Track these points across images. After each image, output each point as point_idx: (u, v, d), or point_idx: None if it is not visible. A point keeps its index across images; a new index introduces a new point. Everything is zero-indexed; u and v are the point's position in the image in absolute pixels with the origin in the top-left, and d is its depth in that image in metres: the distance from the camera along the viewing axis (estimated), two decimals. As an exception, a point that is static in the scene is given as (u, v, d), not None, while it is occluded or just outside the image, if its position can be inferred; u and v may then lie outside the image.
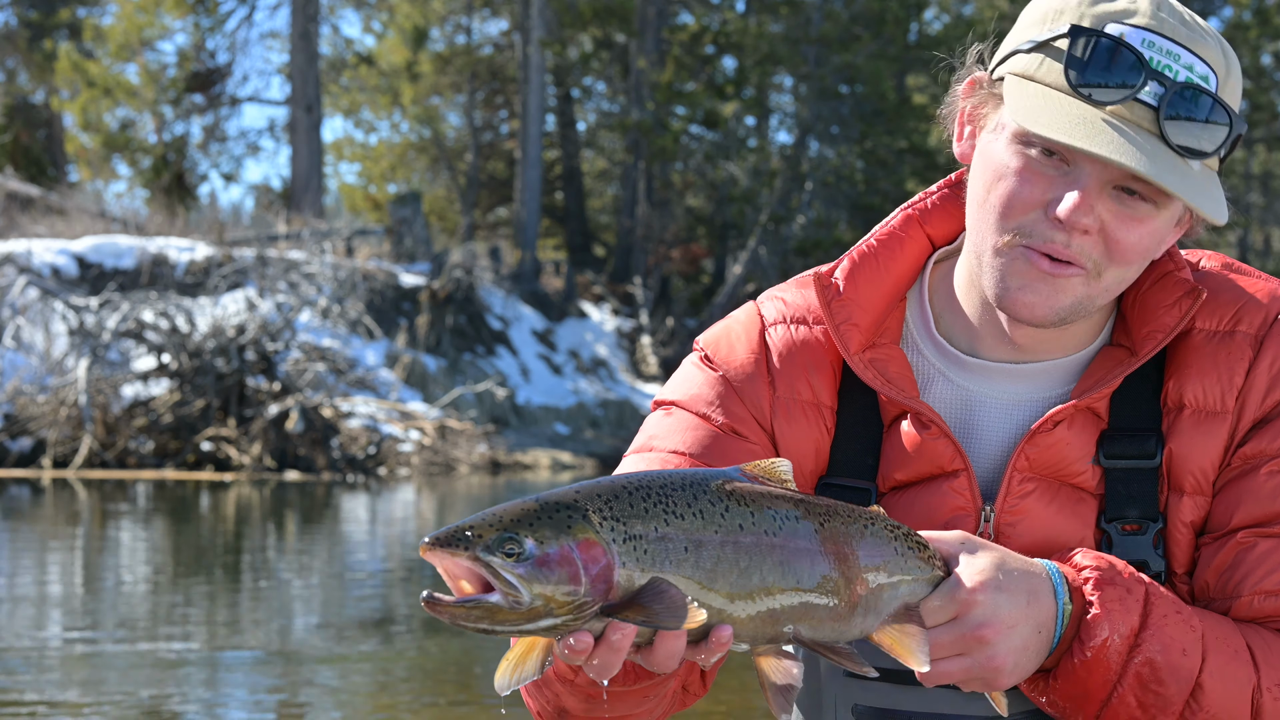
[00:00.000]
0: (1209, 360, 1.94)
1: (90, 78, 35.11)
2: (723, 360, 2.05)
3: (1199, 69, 1.85)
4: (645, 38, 34.30)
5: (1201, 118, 1.84)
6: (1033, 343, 1.98)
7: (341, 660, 8.09)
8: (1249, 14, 40.17)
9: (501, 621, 1.58)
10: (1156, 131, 1.83)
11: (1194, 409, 1.93)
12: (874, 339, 2.01)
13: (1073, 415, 1.93)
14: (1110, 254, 1.87)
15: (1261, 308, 1.96)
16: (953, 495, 1.94)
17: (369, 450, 21.62)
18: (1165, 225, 1.89)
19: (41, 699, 6.89)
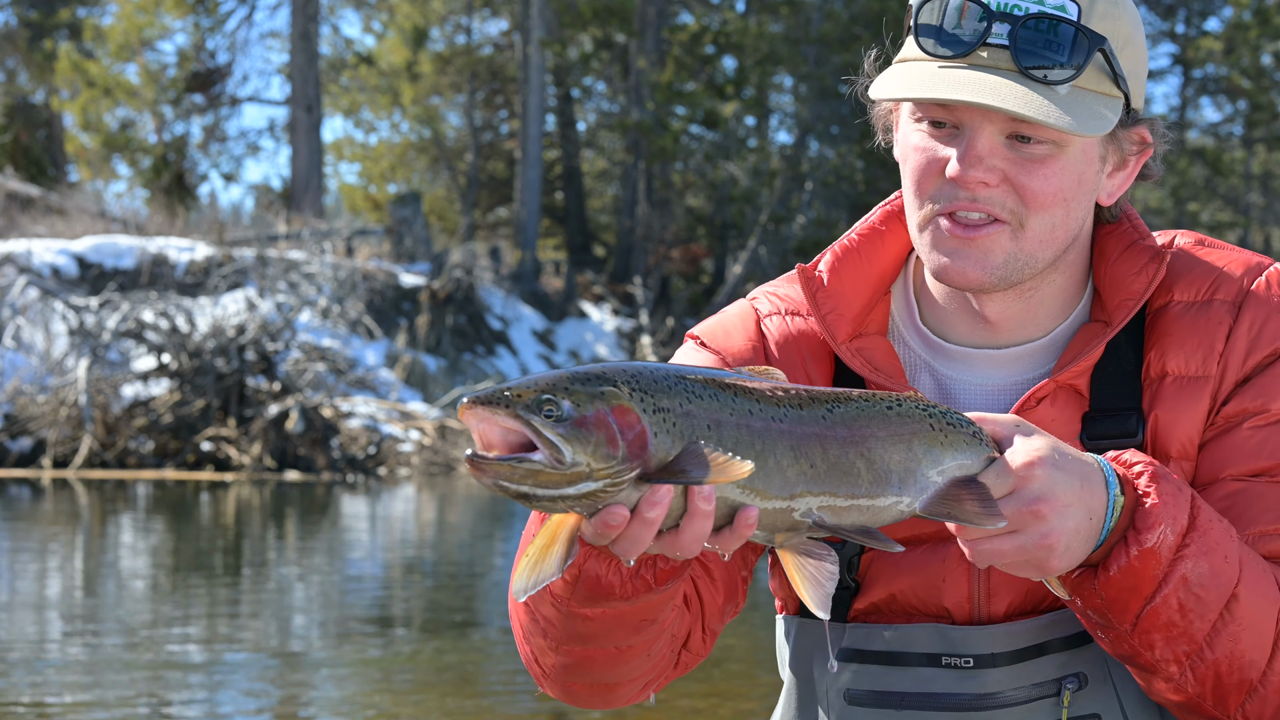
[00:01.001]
0: (1189, 329, 1.96)
1: (90, 78, 35.11)
2: (720, 346, 2.08)
3: (1051, 1, 1.86)
4: (645, 38, 34.30)
5: (1059, 44, 1.85)
6: (1005, 317, 1.99)
7: (341, 662, 8.09)
8: (1249, 14, 40.14)
9: (543, 483, 1.59)
10: (1015, 67, 1.85)
11: (1176, 376, 1.95)
12: (860, 329, 2.04)
13: (1054, 392, 1.95)
14: (1025, 201, 1.89)
15: (1237, 277, 1.98)
16: None
17: (369, 450, 21.62)
18: (1077, 162, 1.90)
19: (41, 700, 6.89)
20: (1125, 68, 1.91)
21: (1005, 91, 1.84)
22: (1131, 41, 1.92)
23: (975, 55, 1.87)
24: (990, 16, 1.86)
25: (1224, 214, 44.56)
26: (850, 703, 2.01)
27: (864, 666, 2.00)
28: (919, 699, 1.97)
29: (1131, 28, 1.92)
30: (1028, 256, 1.92)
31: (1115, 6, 1.90)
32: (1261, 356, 1.94)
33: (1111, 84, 1.89)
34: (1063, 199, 1.90)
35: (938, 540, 1.97)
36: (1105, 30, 1.88)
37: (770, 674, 7.12)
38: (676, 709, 6.89)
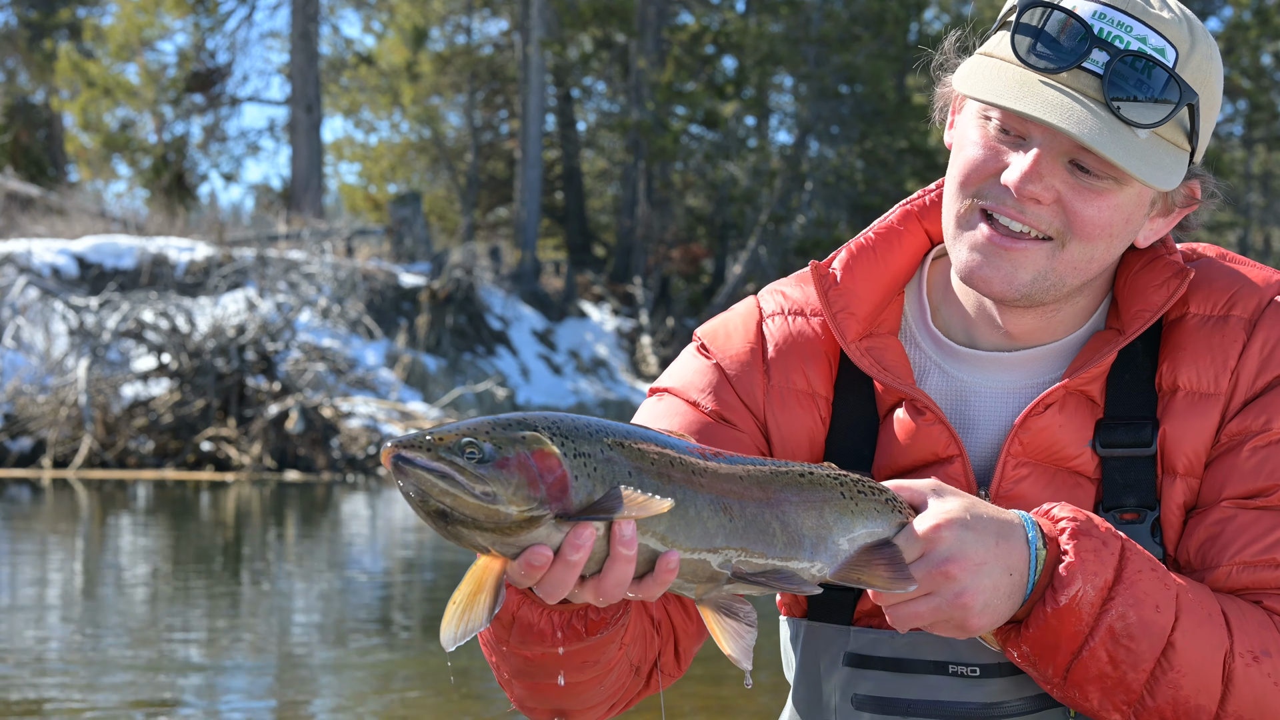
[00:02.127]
0: (1203, 344, 1.95)
1: (90, 78, 35.11)
2: (719, 349, 2.08)
3: (1153, 41, 1.85)
4: (645, 38, 34.29)
5: (1150, 86, 1.84)
6: (1023, 331, 1.99)
7: (341, 662, 8.09)
8: (1249, 14, 40.14)
9: (463, 507, 1.63)
10: (1102, 99, 1.84)
11: (1187, 391, 1.94)
12: (871, 329, 2.03)
13: (1064, 398, 1.94)
14: (1071, 226, 1.89)
15: (1255, 292, 1.97)
16: (948, 481, 1.95)
17: (369, 450, 21.61)
18: (1130, 203, 1.89)
19: (41, 700, 6.89)
20: (1202, 126, 1.90)
21: (1091, 124, 1.82)
22: (1214, 101, 1.91)
23: (1067, 75, 1.86)
24: (1091, 40, 1.85)
25: (1224, 214, 44.55)
26: (857, 708, 2.01)
27: (870, 672, 2.00)
28: (926, 706, 1.97)
29: (1217, 86, 1.92)
30: (1058, 279, 1.92)
31: (1209, 61, 1.89)
32: (1271, 376, 1.93)
33: (1185, 138, 1.88)
34: (1109, 234, 1.90)
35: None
36: (1196, 83, 1.87)
37: (776, 676, 7.12)
38: (680, 711, 6.89)
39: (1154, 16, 1.86)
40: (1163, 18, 1.87)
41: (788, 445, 2.04)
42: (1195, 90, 1.86)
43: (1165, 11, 1.87)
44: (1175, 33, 1.86)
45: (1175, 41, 1.86)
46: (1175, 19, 1.87)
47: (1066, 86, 1.85)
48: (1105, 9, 1.86)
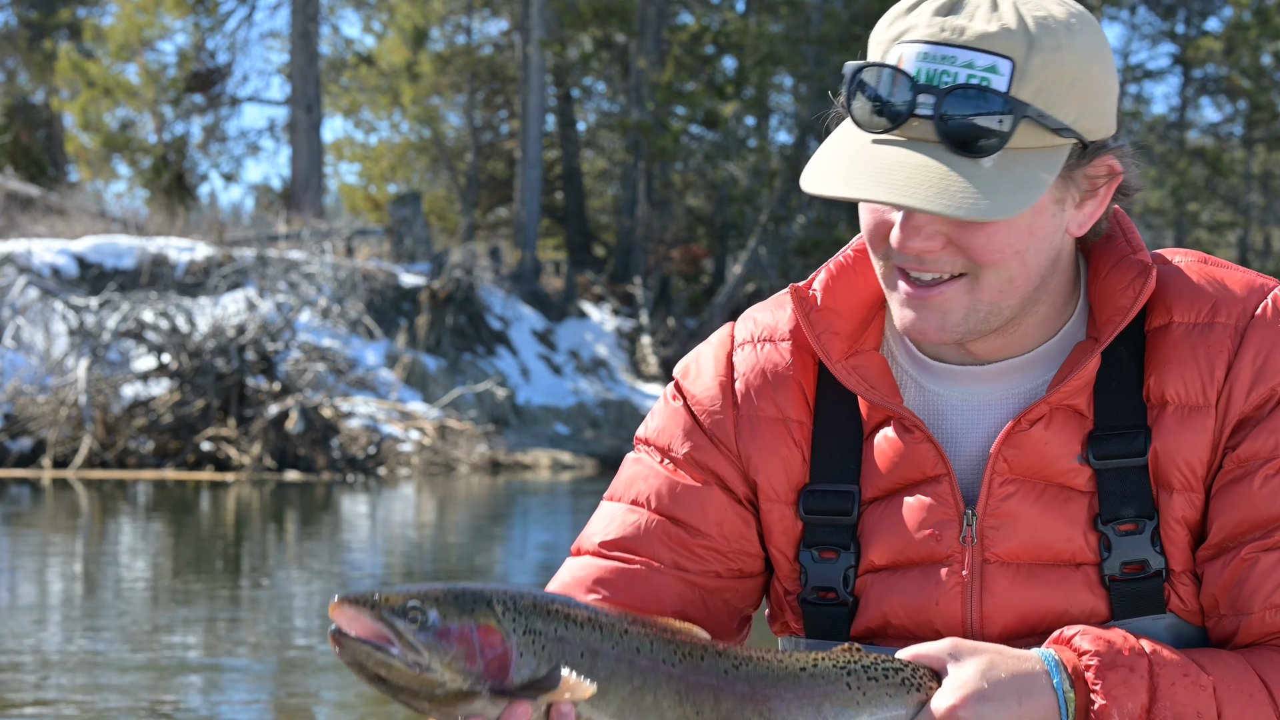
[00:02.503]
0: (1188, 354, 1.90)
1: (90, 78, 35.11)
2: (689, 388, 2.06)
3: (981, 63, 1.80)
4: (645, 38, 34.29)
5: (984, 111, 1.79)
6: (990, 350, 1.96)
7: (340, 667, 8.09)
8: (1249, 14, 40.13)
9: (397, 676, 1.64)
10: (940, 141, 1.80)
11: (1176, 404, 1.90)
12: (856, 346, 2.00)
13: (1050, 414, 1.91)
14: (973, 259, 1.84)
15: (1240, 298, 1.92)
16: (935, 501, 1.93)
17: (369, 450, 21.62)
18: (1023, 218, 1.83)
19: (41, 700, 6.89)
20: (1075, 108, 1.82)
21: (921, 178, 1.78)
22: (1082, 78, 1.83)
23: (906, 128, 1.82)
24: (916, 88, 1.80)
25: (1224, 214, 44.56)
26: None
27: None
28: None
29: (1082, 62, 1.83)
30: (989, 307, 1.87)
31: (1058, 50, 1.81)
32: (1268, 391, 1.88)
33: (1052, 135, 1.82)
34: (1014, 251, 1.84)
35: (928, 563, 1.94)
36: (1046, 79, 1.80)
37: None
38: None
39: (980, 36, 1.80)
40: (988, 33, 1.80)
41: (763, 475, 2.01)
42: (1042, 91, 1.80)
43: (994, 24, 1.81)
44: (1006, 43, 1.80)
45: (1007, 52, 1.80)
46: (1005, 29, 1.81)
47: (909, 139, 1.81)
48: (928, 48, 1.81)
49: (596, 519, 2.05)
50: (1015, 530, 1.90)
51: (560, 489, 21.26)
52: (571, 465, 25.01)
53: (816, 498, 1.98)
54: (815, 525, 1.98)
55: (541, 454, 25.19)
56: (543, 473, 24.14)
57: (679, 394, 2.07)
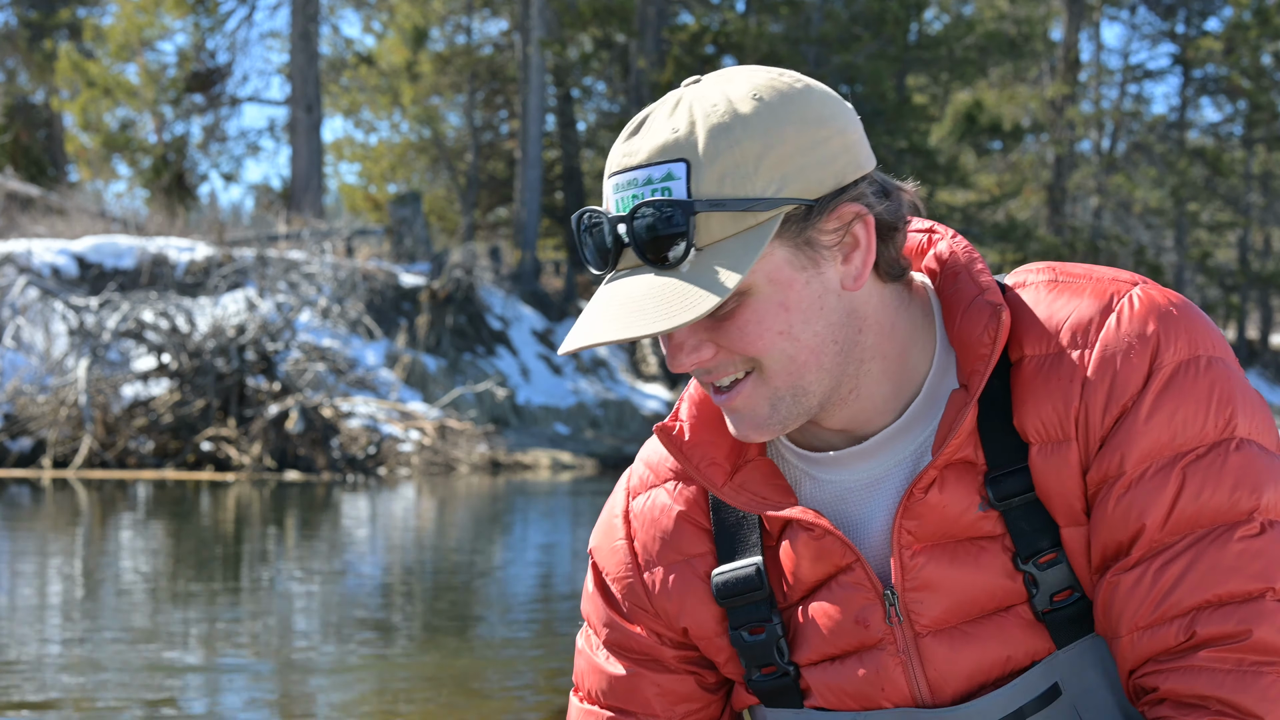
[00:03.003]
0: (1042, 389, 1.85)
1: (90, 78, 35.11)
2: (600, 561, 2.08)
3: (658, 175, 1.79)
4: (645, 38, 34.29)
5: (666, 225, 1.78)
6: (843, 423, 1.92)
7: (340, 663, 8.09)
8: (1249, 14, 40.12)
9: None
10: (642, 262, 1.81)
11: (1040, 442, 1.86)
12: (739, 460, 1.98)
13: (941, 474, 1.87)
14: (742, 355, 1.83)
15: (1087, 320, 1.86)
16: (853, 589, 1.91)
17: (369, 450, 21.62)
18: (768, 297, 1.81)
19: (41, 700, 6.88)
20: (772, 178, 1.77)
21: (626, 309, 1.78)
22: (773, 148, 1.78)
23: (622, 260, 1.82)
24: (611, 222, 1.82)
25: (1224, 214, 44.56)
26: None
27: None
28: None
29: (767, 132, 1.79)
30: (790, 390, 1.85)
31: (731, 132, 1.78)
32: (1119, 410, 1.83)
33: (752, 215, 1.77)
34: (776, 333, 1.81)
35: (863, 650, 1.93)
36: (727, 165, 1.77)
37: None
38: None
39: (654, 151, 1.80)
40: (661, 145, 1.80)
41: (689, 621, 2.02)
42: (725, 177, 1.77)
43: (664, 134, 1.80)
44: (677, 148, 1.79)
45: (679, 156, 1.79)
46: (675, 134, 1.80)
47: (627, 270, 1.83)
48: (619, 178, 1.82)
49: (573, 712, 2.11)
50: (938, 597, 1.88)
51: (560, 489, 21.26)
52: (571, 465, 25.01)
53: (724, 580, 1.98)
54: (734, 607, 1.98)
55: (541, 454, 25.19)
56: (543, 473, 24.14)
57: (593, 570, 2.09)
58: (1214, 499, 1.80)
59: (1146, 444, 1.81)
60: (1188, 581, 1.79)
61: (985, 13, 40.81)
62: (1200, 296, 45.00)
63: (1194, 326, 1.85)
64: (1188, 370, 1.82)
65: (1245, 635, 1.77)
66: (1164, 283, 42.42)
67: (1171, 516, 1.80)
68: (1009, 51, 37.65)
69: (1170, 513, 1.80)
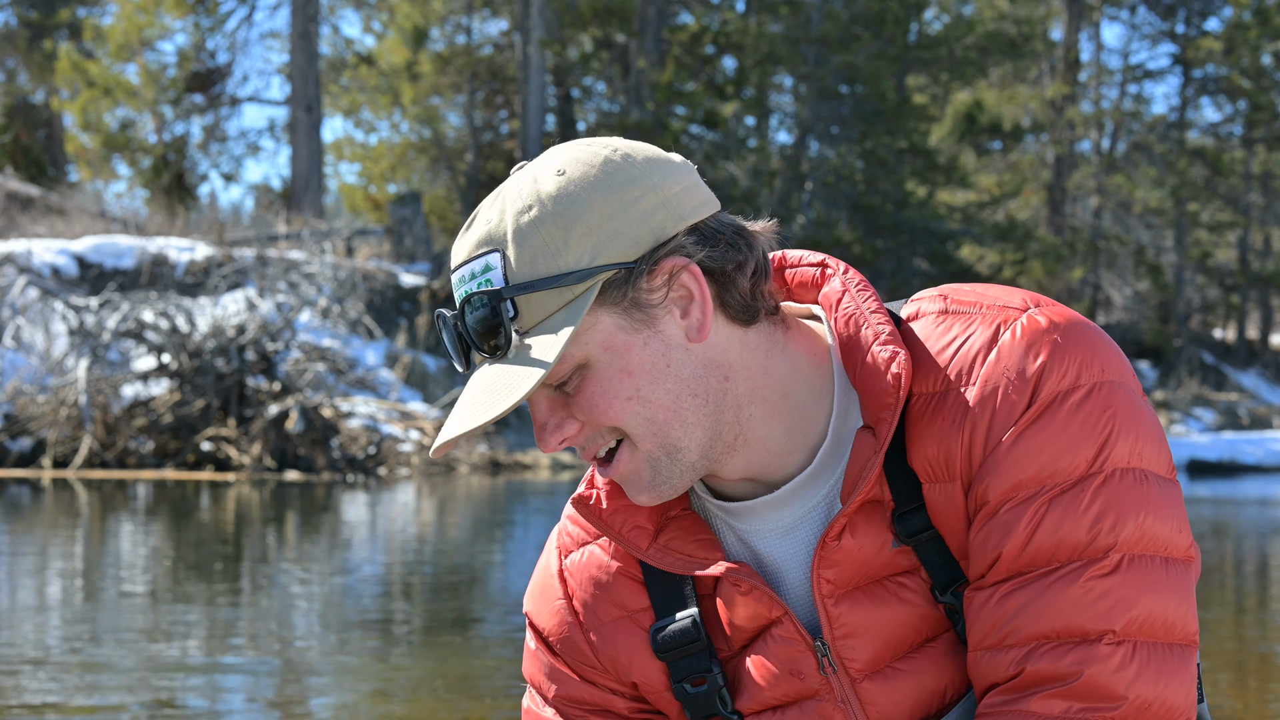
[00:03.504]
0: (927, 430, 1.84)
1: (90, 78, 35.11)
2: (538, 623, 2.07)
3: (478, 268, 1.82)
4: (645, 38, 34.29)
5: (487, 316, 1.80)
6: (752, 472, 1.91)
7: (340, 664, 8.09)
8: (1249, 14, 40.11)
9: None
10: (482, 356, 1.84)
11: (929, 481, 1.85)
12: (662, 520, 1.96)
13: (851, 519, 1.86)
14: (606, 424, 1.83)
15: (972, 356, 1.83)
16: (784, 642, 1.91)
17: (369, 450, 21.61)
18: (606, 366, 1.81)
19: (41, 700, 6.88)
20: (584, 249, 1.77)
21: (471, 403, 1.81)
22: (581, 219, 1.78)
23: (474, 356, 1.85)
24: (455, 321, 1.84)
25: (1224, 214, 44.55)
26: None
27: None
28: None
29: (571, 207, 1.79)
30: (664, 450, 1.84)
31: (531, 212, 1.79)
32: (994, 443, 1.81)
33: (568, 288, 1.78)
34: (623, 400, 1.81)
35: (803, 699, 1.93)
36: (537, 246, 1.78)
37: None
38: None
39: (472, 246, 1.83)
40: (476, 239, 1.83)
41: (637, 674, 2.01)
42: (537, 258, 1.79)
43: (480, 228, 1.83)
44: (490, 239, 1.81)
45: (492, 246, 1.81)
46: (487, 227, 1.82)
47: (478, 365, 1.85)
48: (454, 277, 1.85)
49: None
50: (867, 640, 1.88)
51: (560, 489, 21.27)
52: (572, 465, 25.01)
53: (663, 635, 1.97)
54: (675, 660, 1.98)
55: (541, 454, 25.19)
56: (542, 473, 24.15)
57: (533, 630, 2.08)
58: (1072, 534, 1.77)
59: (1011, 475, 1.79)
60: (1029, 612, 1.77)
61: (985, 13, 40.80)
62: (1200, 296, 44.98)
63: (1079, 353, 1.81)
64: (1063, 402, 1.79)
65: (1075, 676, 1.75)
66: (1164, 283, 42.40)
67: (1028, 548, 1.78)
68: (1009, 51, 37.64)
69: (1026, 544, 1.78)
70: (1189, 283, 43.81)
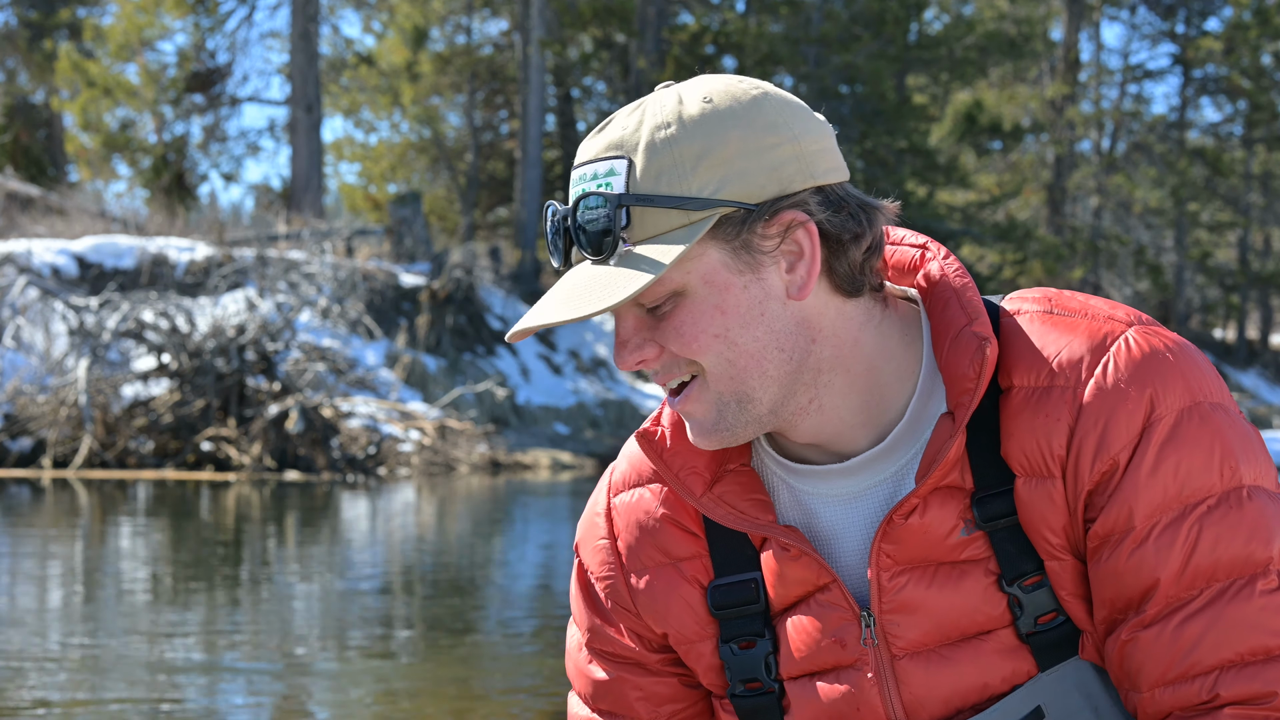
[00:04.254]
0: (1027, 423, 1.84)
1: (90, 78, 35.10)
2: (584, 559, 2.08)
3: (601, 170, 1.82)
4: (645, 38, 34.29)
5: (598, 216, 1.80)
6: (823, 439, 1.91)
7: (340, 665, 8.09)
8: (1249, 14, 40.10)
9: None
10: (584, 255, 1.84)
11: (1023, 474, 1.85)
12: (720, 470, 1.96)
13: (925, 499, 1.86)
14: (684, 355, 1.83)
15: (1079, 356, 1.83)
16: (830, 608, 1.91)
17: (369, 450, 21.61)
18: (703, 299, 1.81)
19: (40, 700, 6.88)
20: (710, 179, 1.78)
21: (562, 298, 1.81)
22: (713, 149, 1.80)
23: (573, 253, 1.85)
24: (563, 216, 1.85)
25: (1224, 214, 44.55)
26: None
27: None
28: None
29: (710, 134, 1.80)
30: (734, 396, 1.84)
31: (670, 129, 1.81)
32: (1110, 463, 1.81)
33: (685, 213, 1.79)
34: (711, 336, 1.82)
35: (840, 668, 1.93)
36: (665, 163, 1.79)
37: None
38: None
39: (603, 147, 1.83)
40: (610, 141, 1.83)
41: (670, 626, 2.01)
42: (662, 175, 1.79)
43: (616, 131, 1.84)
44: (621, 144, 1.82)
45: (621, 152, 1.82)
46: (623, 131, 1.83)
47: (576, 263, 1.86)
48: (574, 173, 1.85)
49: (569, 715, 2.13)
50: (916, 620, 1.88)
51: (560, 489, 21.26)
52: (571, 465, 25.00)
53: (722, 592, 1.97)
54: (729, 620, 1.97)
55: (541, 454, 25.18)
56: (542, 473, 24.14)
57: (578, 565, 2.09)
58: (1229, 551, 1.79)
59: (1153, 497, 1.80)
60: (1209, 640, 1.79)
61: (985, 13, 40.79)
62: (1200, 296, 44.99)
63: (1191, 372, 1.83)
64: (1189, 419, 1.80)
65: (1270, 697, 1.78)
66: (1164, 283, 42.40)
67: (1187, 570, 1.79)
68: (1009, 51, 37.64)
69: (1185, 567, 1.79)
70: (1189, 283, 43.82)
